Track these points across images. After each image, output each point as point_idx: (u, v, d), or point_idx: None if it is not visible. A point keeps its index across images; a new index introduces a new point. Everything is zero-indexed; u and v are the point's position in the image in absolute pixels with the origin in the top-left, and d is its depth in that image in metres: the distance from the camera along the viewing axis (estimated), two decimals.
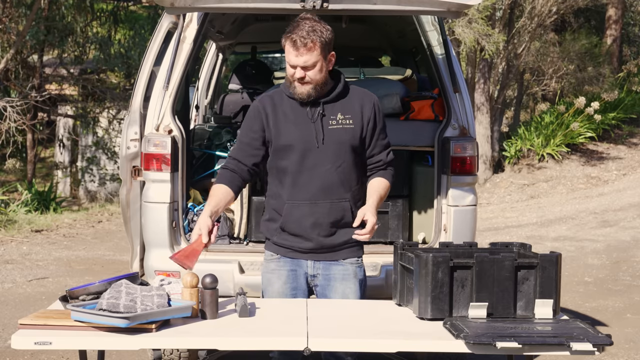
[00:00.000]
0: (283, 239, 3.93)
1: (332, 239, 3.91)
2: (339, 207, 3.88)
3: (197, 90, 8.37)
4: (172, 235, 5.08)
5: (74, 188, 18.40)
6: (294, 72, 3.78)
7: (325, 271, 3.94)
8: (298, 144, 3.84)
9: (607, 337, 3.19)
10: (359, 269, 4.00)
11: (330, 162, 3.85)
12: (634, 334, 6.74)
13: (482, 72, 15.69)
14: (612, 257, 9.87)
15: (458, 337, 3.18)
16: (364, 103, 3.93)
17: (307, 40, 3.72)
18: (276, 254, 3.96)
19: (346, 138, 3.86)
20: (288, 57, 3.77)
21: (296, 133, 3.84)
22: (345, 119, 3.87)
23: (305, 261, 3.94)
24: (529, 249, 3.76)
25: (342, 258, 3.95)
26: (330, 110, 3.86)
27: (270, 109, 3.89)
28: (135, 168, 5.30)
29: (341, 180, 3.87)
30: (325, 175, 3.85)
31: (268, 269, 4.00)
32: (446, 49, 5.35)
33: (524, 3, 15.95)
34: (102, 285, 3.49)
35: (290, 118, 3.86)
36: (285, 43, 3.76)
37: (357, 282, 3.97)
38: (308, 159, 3.84)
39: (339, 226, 3.91)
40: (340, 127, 3.86)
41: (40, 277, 8.77)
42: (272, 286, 3.94)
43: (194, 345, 3.46)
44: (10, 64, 14.86)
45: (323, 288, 3.96)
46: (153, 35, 5.75)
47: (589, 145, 16.10)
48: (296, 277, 3.95)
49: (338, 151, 3.86)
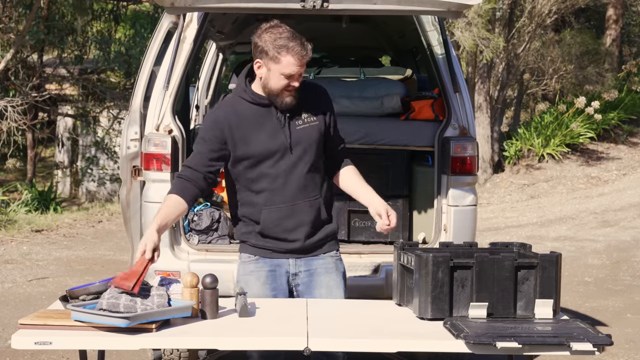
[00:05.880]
0: (262, 242, 3.93)
1: (314, 238, 3.94)
2: (314, 205, 3.91)
3: (197, 90, 8.37)
4: (172, 235, 5.08)
5: (74, 188, 18.40)
6: (290, 83, 3.75)
7: (307, 267, 3.96)
8: (272, 150, 3.83)
9: (607, 337, 3.18)
10: (340, 262, 4.03)
11: (304, 162, 3.87)
12: (634, 334, 6.74)
13: (482, 72, 15.69)
14: (612, 257, 9.87)
15: (458, 337, 3.18)
16: (319, 96, 3.95)
17: (307, 51, 3.73)
18: (254, 255, 3.96)
19: (315, 135, 3.89)
20: (288, 69, 3.71)
21: (269, 141, 3.83)
22: (309, 116, 3.89)
23: (286, 260, 3.95)
24: (529, 249, 3.76)
25: (323, 252, 3.98)
26: (294, 111, 3.86)
27: (234, 119, 3.84)
28: (136, 168, 5.30)
29: (313, 178, 3.91)
30: (300, 176, 3.87)
31: (246, 271, 3.98)
32: (446, 49, 5.35)
33: (524, 3, 15.95)
34: (102, 285, 3.49)
35: (260, 126, 3.83)
36: (284, 55, 3.69)
37: (339, 274, 4.01)
38: (282, 163, 3.85)
39: (318, 223, 3.94)
40: (307, 125, 3.88)
41: (40, 277, 8.77)
42: (251, 288, 3.90)
43: (194, 345, 3.46)
44: (10, 64, 14.86)
45: (306, 285, 3.96)
46: (153, 35, 5.75)
47: (589, 145, 16.09)
48: (275, 278, 3.95)
49: (309, 150, 3.88)
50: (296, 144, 3.85)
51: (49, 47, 17.04)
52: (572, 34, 18.13)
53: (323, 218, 3.96)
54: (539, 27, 16.19)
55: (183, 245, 5.11)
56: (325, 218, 3.96)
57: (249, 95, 3.86)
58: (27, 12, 15.14)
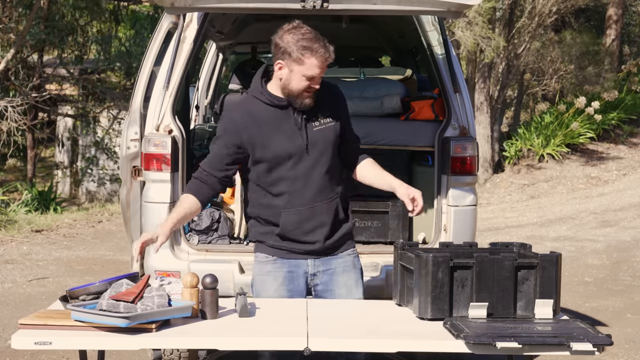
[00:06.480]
0: (280, 243, 3.92)
1: (333, 238, 3.94)
2: (332, 205, 3.91)
3: (197, 90, 8.38)
4: (172, 235, 5.07)
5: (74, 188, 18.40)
6: (310, 84, 3.74)
7: (326, 267, 3.96)
8: (290, 153, 3.82)
9: (607, 337, 3.19)
10: (356, 259, 4.05)
11: (321, 163, 3.87)
12: (634, 334, 6.74)
13: (482, 72, 15.69)
14: (612, 257, 9.87)
15: (458, 337, 3.18)
16: (334, 96, 3.95)
17: (330, 53, 3.72)
18: (272, 255, 3.95)
19: (331, 136, 3.89)
20: (311, 71, 3.69)
21: (286, 143, 3.81)
22: (325, 117, 3.89)
23: (305, 260, 3.94)
24: (529, 249, 3.76)
25: (341, 251, 3.99)
26: (310, 112, 3.85)
27: (251, 122, 3.83)
28: (136, 168, 5.30)
29: (330, 179, 3.91)
30: (318, 177, 3.86)
31: (263, 271, 3.97)
32: (446, 49, 5.35)
33: (524, 3, 15.95)
34: (102, 285, 3.49)
35: (278, 129, 3.82)
36: (308, 57, 3.68)
37: (357, 271, 4.02)
38: (301, 165, 3.84)
39: (337, 223, 3.94)
40: (324, 127, 3.88)
41: (40, 277, 8.77)
42: (267, 289, 3.92)
43: (194, 345, 3.46)
44: (10, 64, 14.86)
45: (325, 285, 3.96)
46: (153, 35, 5.75)
47: (589, 145, 16.09)
48: (293, 279, 3.94)
49: (326, 151, 3.88)
50: (313, 145, 3.84)
51: (49, 47, 17.03)
52: (572, 34, 18.14)
53: (341, 218, 3.96)
54: (539, 27, 16.19)
55: (183, 246, 5.11)
56: (342, 217, 3.97)
57: (266, 96, 3.84)
58: (27, 12, 15.14)
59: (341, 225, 3.96)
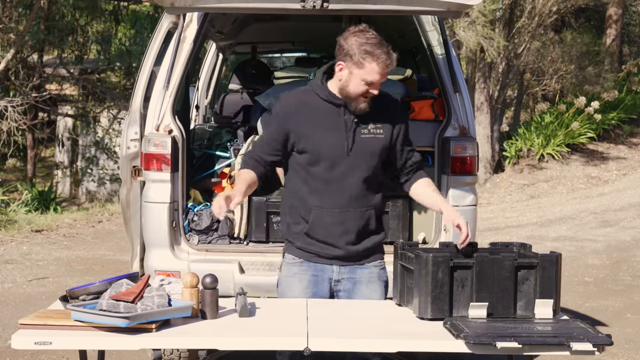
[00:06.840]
0: (308, 244, 3.91)
1: (359, 246, 3.92)
2: (366, 215, 3.89)
3: (197, 90, 8.37)
4: (172, 235, 5.08)
5: (74, 188, 18.41)
6: (369, 89, 3.74)
7: (351, 275, 3.94)
8: (329, 151, 3.81)
9: (607, 337, 3.19)
10: (383, 271, 4.01)
11: (360, 171, 3.84)
12: (634, 334, 6.74)
13: (482, 72, 15.69)
14: (612, 257, 9.87)
15: (458, 337, 3.18)
16: (393, 109, 3.94)
17: (392, 61, 3.72)
18: (299, 257, 3.94)
19: (376, 148, 3.87)
20: (370, 76, 3.70)
21: (329, 140, 3.81)
22: (376, 128, 3.87)
23: (330, 266, 3.93)
24: (529, 249, 3.76)
25: (368, 262, 3.96)
26: (362, 118, 3.84)
27: (303, 112, 3.85)
28: (136, 168, 5.30)
29: (368, 189, 3.88)
30: (354, 185, 3.85)
31: (289, 273, 3.96)
32: (446, 49, 5.35)
33: (524, 3, 15.95)
34: (102, 285, 3.49)
35: (325, 124, 3.82)
36: (369, 62, 3.68)
37: (381, 284, 3.99)
38: (338, 167, 3.83)
39: (366, 233, 3.92)
40: (371, 136, 3.86)
41: (40, 277, 8.77)
42: (292, 291, 3.92)
43: (194, 345, 3.46)
44: (10, 64, 14.87)
45: (348, 292, 3.94)
46: (153, 35, 5.75)
47: (589, 145, 16.09)
48: (318, 283, 3.92)
49: (367, 161, 3.85)
50: (356, 151, 3.83)
51: (49, 47, 17.04)
52: (572, 34, 18.14)
53: (371, 229, 3.93)
54: (539, 27, 16.19)
55: (183, 245, 5.12)
56: (373, 229, 3.94)
57: (324, 92, 3.85)
58: (27, 12, 15.15)
59: (370, 235, 3.94)
